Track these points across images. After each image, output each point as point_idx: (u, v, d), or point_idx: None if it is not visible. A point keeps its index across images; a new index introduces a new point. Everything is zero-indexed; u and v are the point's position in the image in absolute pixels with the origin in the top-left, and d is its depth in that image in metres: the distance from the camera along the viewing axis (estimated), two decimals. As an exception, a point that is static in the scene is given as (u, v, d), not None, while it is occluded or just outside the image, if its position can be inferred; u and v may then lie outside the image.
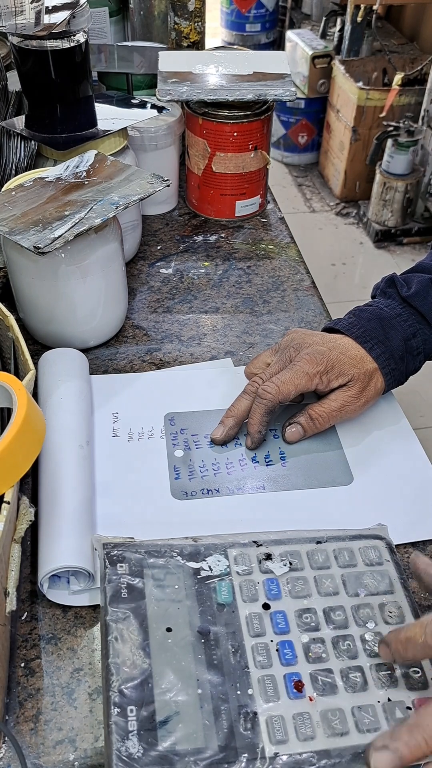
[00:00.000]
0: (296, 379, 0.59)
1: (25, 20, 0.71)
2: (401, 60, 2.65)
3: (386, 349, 0.61)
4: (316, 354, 0.60)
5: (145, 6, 1.02)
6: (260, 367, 0.64)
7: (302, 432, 0.61)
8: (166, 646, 0.44)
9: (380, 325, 0.62)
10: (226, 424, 0.61)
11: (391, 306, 0.64)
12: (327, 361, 0.60)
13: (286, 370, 0.60)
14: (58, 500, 0.52)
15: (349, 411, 0.61)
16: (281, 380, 0.59)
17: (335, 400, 0.60)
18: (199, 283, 0.82)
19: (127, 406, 0.64)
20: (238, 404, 0.61)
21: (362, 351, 0.61)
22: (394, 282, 0.66)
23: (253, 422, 0.60)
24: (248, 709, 0.42)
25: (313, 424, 0.61)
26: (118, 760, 0.38)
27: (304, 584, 0.48)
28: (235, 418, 0.61)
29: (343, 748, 0.41)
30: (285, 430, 0.61)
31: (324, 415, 0.60)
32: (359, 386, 0.60)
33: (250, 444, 0.61)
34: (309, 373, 0.59)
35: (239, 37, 3.33)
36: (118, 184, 0.66)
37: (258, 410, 0.59)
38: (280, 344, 0.63)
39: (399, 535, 0.54)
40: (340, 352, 0.61)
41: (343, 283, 2.39)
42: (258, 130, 0.85)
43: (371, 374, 0.61)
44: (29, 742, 0.43)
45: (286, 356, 0.61)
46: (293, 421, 0.61)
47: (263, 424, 0.60)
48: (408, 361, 0.62)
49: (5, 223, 0.61)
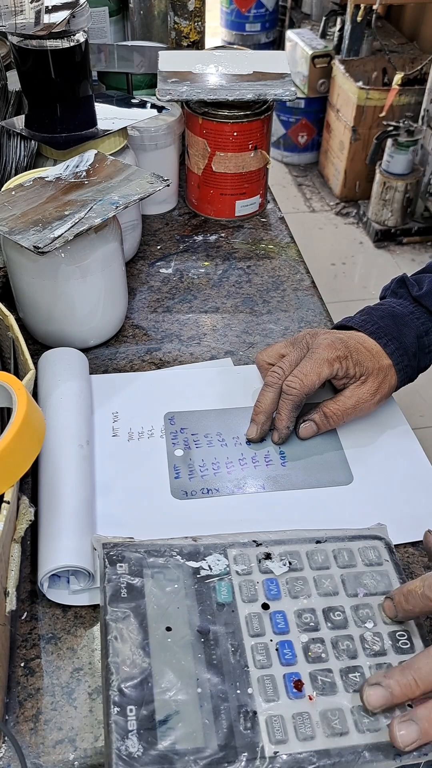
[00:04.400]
0: (318, 368, 0.58)
1: (25, 20, 0.71)
2: (401, 60, 2.66)
3: (400, 346, 0.62)
4: (335, 340, 0.60)
5: (145, 6, 1.02)
6: (274, 356, 0.63)
7: (315, 429, 0.61)
8: (165, 646, 0.44)
9: (393, 322, 0.63)
10: (259, 421, 0.61)
11: (403, 305, 0.65)
12: (345, 347, 0.60)
13: (305, 360, 0.59)
14: (58, 500, 0.52)
15: (364, 409, 0.61)
16: (303, 372, 0.59)
17: (350, 397, 0.60)
18: (199, 282, 0.82)
19: (127, 405, 0.64)
20: (264, 398, 0.61)
21: (377, 346, 0.62)
22: (405, 282, 0.67)
23: (282, 418, 0.60)
24: (248, 708, 0.42)
25: (327, 421, 0.61)
26: (118, 759, 0.38)
27: (304, 584, 0.48)
28: (266, 413, 0.61)
29: (342, 748, 0.41)
30: (299, 426, 0.61)
31: (339, 413, 0.60)
32: (373, 382, 0.60)
33: (277, 439, 0.61)
34: (329, 359, 0.59)
35: (239, 37, 3.32)
36: (118, 184, 0.66)
37: (286, 406, 0.59)
38: (296, 337, 0.63)
39: (398, 535, 0.54)
40: (357, 341, 0.61)
41: (343, 282, 2.39)
42: (258, 129, 0.85)
43: (386, 370, 0.61)
44: (29, 742, 0.43)
45: (303, 344, 0.61)
46: (307, 417, 0.61)
47: (291, 419, 0.60)
48: (420, 358, 0.63)
49: (5, 223, 0.61)
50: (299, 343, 0.62)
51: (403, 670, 0.41)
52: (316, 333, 0.62)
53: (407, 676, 0.41)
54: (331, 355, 0.59)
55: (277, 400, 0.60)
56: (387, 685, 0.41)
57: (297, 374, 0.59)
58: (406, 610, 0.45)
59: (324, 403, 0.61)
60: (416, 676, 0.40)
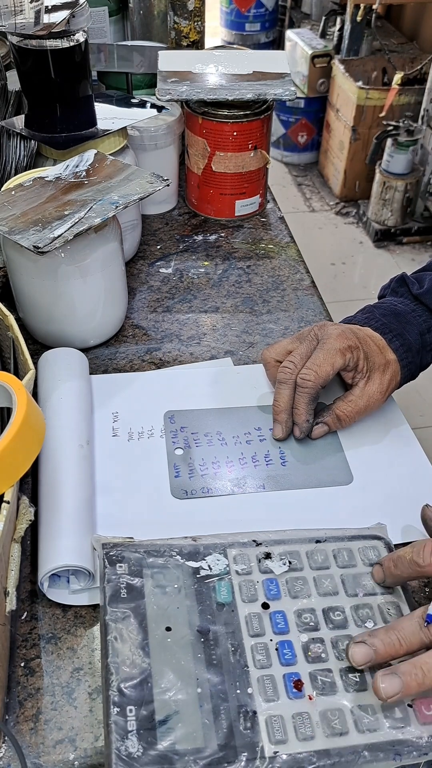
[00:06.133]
0: (331, 358, 0.58)
1: (25, 20, 0.71)
2: (401, 59, 2.65)
3: (404, 342, 0.62)
4: (345, 329, 0.60)
5: (145, 5, 1.02)
6: (281, 353, 0.63)
7: (328, 430, 0.62)
8: (165, 646, 0.44)
9: (396, 319, 0.63)
10: (282, 420, 0.61)
11: (404, 303, 0.65)
12: (356, 337, 0.60)
13: (317, 351, 0.59)
14: (58, 500, 0.52)
15: (373, 408, 0.62)
16: (317, 363, 0.58)
17: (360, 397, 0.61)
18: (198, 282, 0.82)
19: (127, 405, 0.64)
20: (281, 396, 0.61)
21: (383, 341, 0.62)
22: (405, 281, 0.67)
23: (300, 412, 0.60)
24: (248, 708, 0.42)
25: (339, 423, 0.61)
26: (118, 759, 0.38)
27: (304, 584, 0.48)
28: (287, 411, 0.61)
29: (342, 748, 0.41)
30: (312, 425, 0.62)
31: (351, 414, 0.61)
32: (381, 378, 0.61)
33: (299, 434, 0.61)
34: (341, 349, 0.59)
35: (239, 37, 3.32)
36: (118, 184, 0.66)
37: (302, 399, 0.59)
38: (302, 332, 0.63)
39: (398, 535, 0.54)
40: (366, 334, 0.62)
41: (342, 282, 2.39)
42: (258, 129, 0.85)
43: (392, 365, 0.61)
44: (29, 742, 0.44)
45: (312, 336, 0.61)
46: (319, 420, 0.61)
47: (309, 412, 0.60)
48: (423, 355, 0.63)
49: (5, 223, 0.61)
50: (307, 337, 0.62)
51: (388, 630, 0.43)
52: (324, 325, 0.62)
53: (391, 635, 0.42)
54: (342, 344, 0.59)
55: (293, 395, 0.60)
56: (371, 643, 0.42)
57: (310, 366, 0.59)
58: (395, 575, 0.47)
59: (336, 405, 0.61)
60: (400, 636, 0.42)
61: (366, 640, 0.42)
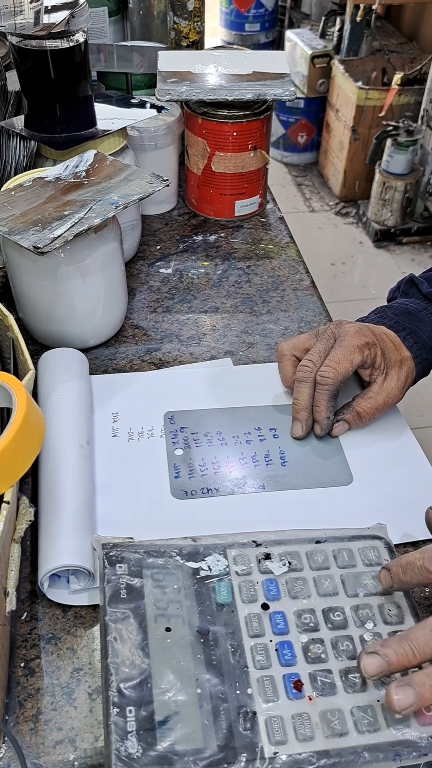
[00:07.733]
0: (350, 354, 0.59)
1: (25, 20, 0.71)
2: (401, 59, 2.65)
3: (418, 339, 0.63)
4: (362, 326, 0.61)
5: (145, 6, 1.02)
6: (299, 348, 0.63)
7: (348, 427, 0.62)
8: (165, 646, 0.44)
9: (408, 318, 0.64)
10: (302, 418, 0.61)
11: (415, 302, 0.66)
12: (373, 334, 0.60)
13: (335, 348, 0.60)
14: (58, 500, 0.52)
15: (391, 404, 0.62)
16: (335, 360, 0.59)
17: (379, 393, 0.61)
18: (198, 282, 0.82)
19: (127, 405, 0.64)
20: (301, 394, 0.61)
21: (398, 338, 0.62)
22: (413, 282, 0.68)
23: (321, 410, 0.60)
24: (247, 709, 0.42)
25: (360, 420, 0.62)
26: (117, 759, 0.38)
27: (303, 585, 0.48)
28: (307, 409, 0.61)
29: (342, 749, 0.41)
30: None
31: (371, 411, 0.61)
32: (398, 375, 0.61)
33: (320, 432, 0.61)
34: (359, 345, 0.59)
35: (238, 37, 3.32)
36: (118, 184, 0.66)
37: (323, 397, 0.59)
38: (318, 329, 0.64)
39: (398, 535, 0.54)
40: (382, 331, 0.62)
41: (342, 282, 2.39)
42: (257, 129, 0.85)
43: (407, 362, 0.62)
44: (29, 742, 0.43)
45: (328, 335, 0.61)
46: (340, 417, 0.62)
47: (330, 409, 0.60)
48: None
49: (5, 223, 0.61)
50: (324, 335, 0.62)
51: (401, 639, 0.41)
52: (341, 323, 0.62)
53: (404, 645, 0.41)
54: (360, 341, 0.59)
55: (313, 393, 0.60)
56: (384, 654, 0.41)
57: (329, 363, 0.59)
58: (403, 581, 0.45)
59: (356, 402, 0.62)
60: (413, 646, 0.41)
61: (378, 650, 0.41)
